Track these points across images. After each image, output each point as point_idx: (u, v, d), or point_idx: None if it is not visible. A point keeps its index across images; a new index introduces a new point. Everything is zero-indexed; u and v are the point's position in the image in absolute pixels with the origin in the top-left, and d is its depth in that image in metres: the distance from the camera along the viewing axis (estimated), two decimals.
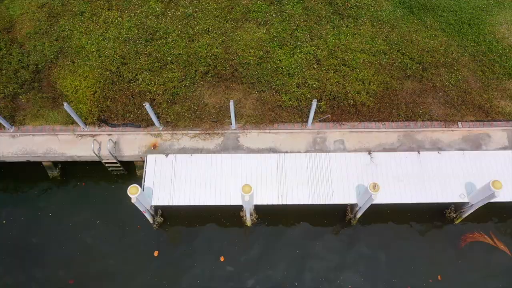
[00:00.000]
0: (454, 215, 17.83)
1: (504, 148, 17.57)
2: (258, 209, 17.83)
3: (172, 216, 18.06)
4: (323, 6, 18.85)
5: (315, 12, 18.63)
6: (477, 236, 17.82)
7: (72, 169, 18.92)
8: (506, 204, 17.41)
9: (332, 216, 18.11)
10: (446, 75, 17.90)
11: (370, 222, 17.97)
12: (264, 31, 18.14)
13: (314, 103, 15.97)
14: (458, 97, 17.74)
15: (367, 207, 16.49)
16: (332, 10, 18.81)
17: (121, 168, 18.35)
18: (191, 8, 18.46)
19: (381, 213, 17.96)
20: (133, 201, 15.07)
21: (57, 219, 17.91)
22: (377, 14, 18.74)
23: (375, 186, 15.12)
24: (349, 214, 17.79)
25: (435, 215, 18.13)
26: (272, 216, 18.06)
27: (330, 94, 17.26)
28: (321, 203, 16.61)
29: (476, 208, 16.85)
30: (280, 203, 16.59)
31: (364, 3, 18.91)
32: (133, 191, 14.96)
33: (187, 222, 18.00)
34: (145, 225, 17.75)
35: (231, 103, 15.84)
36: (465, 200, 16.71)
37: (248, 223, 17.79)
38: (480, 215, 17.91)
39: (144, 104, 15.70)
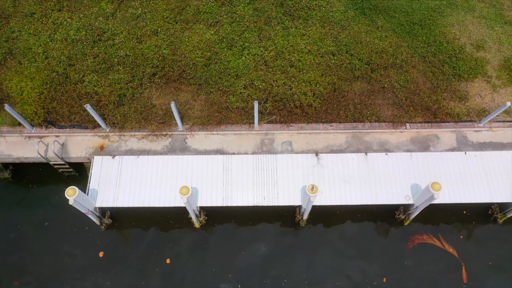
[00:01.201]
0: (403, 217, 17.79)
1: (452, 150, 17.51)
2: (210, 210, 17.84)
3: (121, 217, 18.02)
4: (274, 7, 18.79)
5: (265, 13, 18.57)
6: (425, 238, 17.78)
7: (23, 171, 18.90)
8: (457, 206, 17.36)
9: (282, 217, 18.08)
10: (395, 76, 17.85)
11: (319, 223, 17.93)
12: (212, 32, 18.08)
13: (256, 105, 15.94)
14: (406, 98, 17.69)
15: (310, 208, 16.46)
16: (283, 11, 18.75)
17: (71, 170, 18.34)
18: (140, 9, 18.42)
19: (331, 215, 17.93)
20: (70, 202, 15.04)
21: (5, 221, 17.88)
22: (328, 15, 18.68)
23: (313, 188, 15.08)
24: (298, 216, 17.75)
25: (385, 217, 18.09)
26: (222, 217, 18.04)
27: (276, 96, 17.21)
28: (266, 204, 16.59)
29: (421, 210, 16.81)
30: (225, 204, 16.56)
31: (316, 4, 18.84)
32: (70, 193, 14.94)
33: (135, 223, 17.96)
34: (93, 227, 17.73)
35: (173, 105, 15.80)
36: (410, 202, 16.67)
37: (196, 224, 17.76)
38: (430, 217, 17.92)
39: (85, 106, 15.67)
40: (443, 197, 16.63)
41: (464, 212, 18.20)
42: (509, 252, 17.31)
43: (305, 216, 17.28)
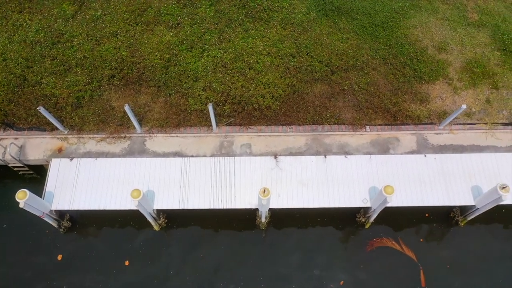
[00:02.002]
0: (363, 220, 17.71)
1: (412, 152, 17.44)
2: (171, 213, 17.77)
3: (81, 220, 17.94)
4: (236, 9, 18.71)
5: (227, 14, 18.50)
6: (385, 241, 17.70)
7: None
8: (419, 208, 17.22)
9: (243, 220, 17.97)
10: (356, 78, 17.77)
11: (279, 226, 17.85)
12: (172, 34, 18.01)
13: (211, 107, 15.87)
14: (366, 100, 17.62)
15: (265, 211, 16.39)
16: (245, 13, 18.68)
17: (31, 172, 18.27)
18: (100, 11, 18.34)
19: (291, 217, 17.85)
20: (21, 205, 14.98)
21: None
22: (289, 16, 18.60)
23: (264, 191, 15.01)
24: (258, 218, 17.67)
25: (346, 220, 18.01)
26: (183, 220, 17.96)
27: (234, 98, 17.13)
28: (222, 207, 16.52)
29: (379, 213, 16.72)
30: (181, 207, 16.50)
31: (278, 6, 18.77)
32: (20, 196, 14.88)
33: (95, 225, 17.88)
34: (54, 229, 17.65)
35: (127, 108, 15.73)
36: (368, 204, 16.60)
37: (156, 227, 17.69)
38: (392, 219, 17.85)
39: (38, 109, 15.61)
40: (400, 200, 16.59)
41: (427, 214, 18.12)
42: (468, 256, 17.22)
43: (263, 219, 17.21)
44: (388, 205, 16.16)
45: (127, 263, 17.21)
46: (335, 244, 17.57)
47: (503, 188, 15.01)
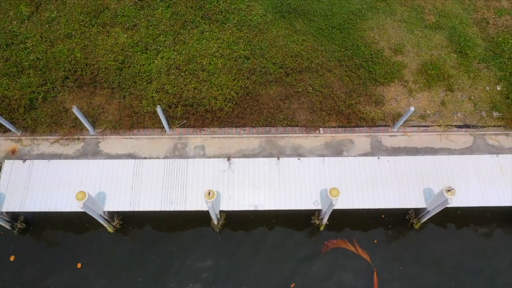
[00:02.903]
0: (318, 222, 17.70)
1: (366, 154, 17.44)
2: (128, 215, 17.74)
3: (36, 221, 17.90)
4: (193, 11, 18.71)
5: (183, 16, 18.50)
6: (340, 243, 17.68)
7: None
8: (375, 210, 17.19)
9: (198, 222, 17.90)
10: (310, 80, 17.76)
11: (233, 228, 17.82)
12: (126, 36, 18.00)
13: (159, 109, 15.86)
14: (320, 102, 17.61)
15: (214, 213, 16.39)
16: (202, 14, 18.67)
17: None
18: (56, 12, 18.34)
19: (245, 220, 17.80)
20: None
21: None
22: (246, 18, 18.59)
23: (209, 193, 15.01)
24: (213, 221, 17.67)
25: (301, 222, 17.97)
26: (138, 222, 17.92)
27: (187, 100, 17.13)
28: (173, 209, 16.52)
29: (329, 215, 16.71)
30: (131, 209, 16.49)
31: (235, 7, 18.76)
32: None
33: (50, 227, 17.84)
34: (6, 231, 17.63)
35: (75, 109, 15.73)
36: (319, 207, 16.59)
37: (110, 229, 17.68)
38: (347, 221, 17.83)
39: None
40: (352, 203, 16.59)
41: (382, 216, 18.10)
42: (421, 258, 17.21)
43: (215, 221, 17.21)
44: (338, 207, 16.19)
45: (79, 265, 17.21)
46: (289, 246, 17.54)
47: (449, 191, 14.99)
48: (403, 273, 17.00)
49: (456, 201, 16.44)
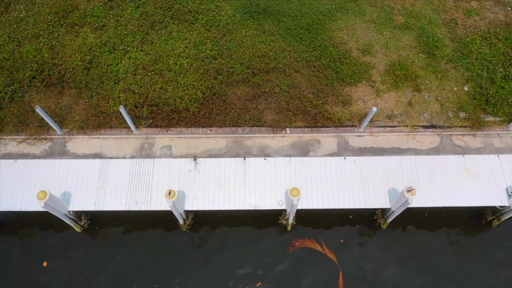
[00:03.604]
0: (284, 222, 17.74)
1: (332, 155, 17.46)
2: (96, 215, 17.77)
3: (4, 221, 17.97)
4: (162, 11, 18.74)
5: (152, 16, 18.53)
6: (307, 243, 17.72)
7: None
8: (342, 210, 17.17)
9: (166, 222, 17.91)
10: (277, 81, 17.79)
11: (201, 228, 17.86)
12: (94, 36, 18.04)
13: (122, 109, 15.90)
14: (287, 102, 17.63)
15: (179, 214, 16.43)
16: (170, 15, 18.70)
17: None
18: (24, 12, 18.38)
19: (213, 219, 17.85)
20: None
21: None
22: (215, 19, 18.63)
23: (170, 193, 15.04)
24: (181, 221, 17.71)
25: (268, 221, 17.98)
26: (106, 221, 17.96)
27: (153, 100, 17.16)
28: (138, 209, 16.55)
29: (296, 215, 16.78)
30: (96, 209, 16.52)
31: (204, 8, 18.80)
32: None
33: (18, 226, 17.88)
34: None
35: (38, 109, 15.78)
36: (283, 207, 16.62)
37: (77, 228, 17.71)
38: (315, 221, 17.89)
39: None
40: (316, 203, 16.61)
41: (350, 216, 18.14)
42: (387, 257, 17.26)
43: (181, 221, 17.24)
44: (303, 207, 16.32)
45: (45, 264, 17.25)
46: (255, 246, 17.57)
47: (409, 191, 15.02)
48: (368, 273, 17.04)
49: (421, 202, 16.62)
